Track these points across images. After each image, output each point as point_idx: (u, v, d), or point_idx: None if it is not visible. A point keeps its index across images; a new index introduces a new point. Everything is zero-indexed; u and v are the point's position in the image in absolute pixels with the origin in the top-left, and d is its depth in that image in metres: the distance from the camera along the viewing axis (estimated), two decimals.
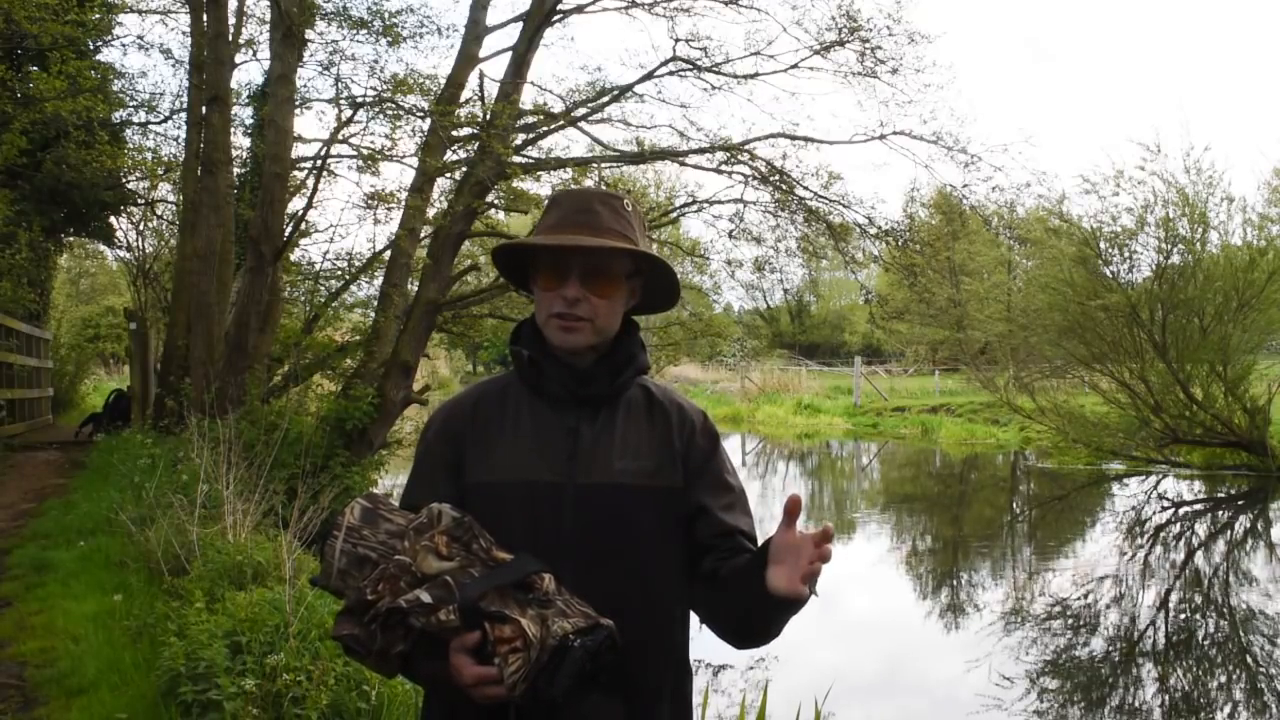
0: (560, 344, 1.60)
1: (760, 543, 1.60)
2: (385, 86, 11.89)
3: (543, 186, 12.25)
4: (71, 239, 20.52)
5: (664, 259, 1.70)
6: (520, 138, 11.76)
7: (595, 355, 1.64)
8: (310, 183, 12.66)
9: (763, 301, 54.28)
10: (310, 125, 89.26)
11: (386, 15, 13.65)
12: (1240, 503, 13.77)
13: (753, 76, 12.71)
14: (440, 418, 1.70)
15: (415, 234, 11.22)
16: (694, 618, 1.71)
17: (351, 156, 12.45)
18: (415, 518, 1.52)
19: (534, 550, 1.49)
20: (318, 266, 13.76)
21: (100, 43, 17.03)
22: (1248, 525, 12.12)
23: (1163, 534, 11.45)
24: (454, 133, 10.98)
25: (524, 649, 1.37)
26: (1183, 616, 7.95)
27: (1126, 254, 15.14)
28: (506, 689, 1.37)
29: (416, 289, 11.45)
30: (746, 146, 12.44)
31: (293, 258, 12.51)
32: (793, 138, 12.53)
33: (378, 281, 12.43)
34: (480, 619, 1.40)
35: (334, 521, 1.53)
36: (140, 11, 16.99)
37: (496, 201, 11.54)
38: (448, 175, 11.67)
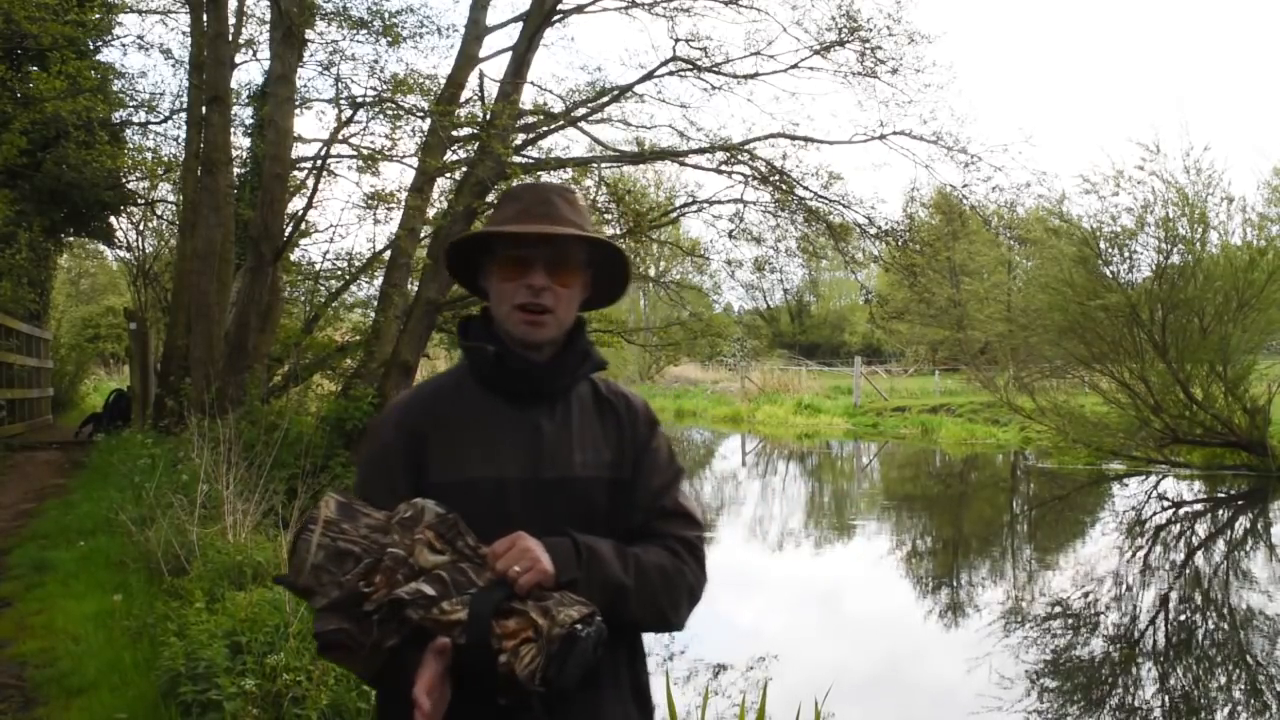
0: (524, 337, 1.61)
1: (683, 518, 1.65)
2: (385, 86, 11.92)
3: None
4: (71, 239, 20.53)
5: (621, 248, 1.73)
6: (520, 138, 11.77)
7: (553, 349, 1.66)
8: (310, 183, 12.69)
9: (763, 301, 54.32)
10: (310, 125, 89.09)
11: (386, 15, 13.68)
12: (1240, 503, 13.76)
13: (753, 76, 12.73)
14: (395, 415, 1.68)
15: (415, 234, 11.24)
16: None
17: (351, 156, 12.48)
18: (396, 512, 1.49)
19: None
20: (318, 266, 13.80)
21: (100, 43, 17.04)
22: (1248, 525, 12.11)
23: (1163, 534, 11.44)
24: (454, 133, 11.00)
25: (536, 639, 1.36)
26: (1183, 616, 7.95)
27: (1126, 254, 15.14)
28: (524, 680, 1.35)
29: (416, 289, 11.46)
30: (746, 146, 12.46)
31: (293, 258, 12.53)
32: (793, 138, 12.55)
33: (378, 281, 12.45)
34: (488, 626, 1.38)
35: (310, 516, 1.49)
36: (140, 11, 17.02)
37: (496, 202, 11.55)
38: (448, 175, 11.68)
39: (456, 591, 1.41)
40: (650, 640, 7.00)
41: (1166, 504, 13.63)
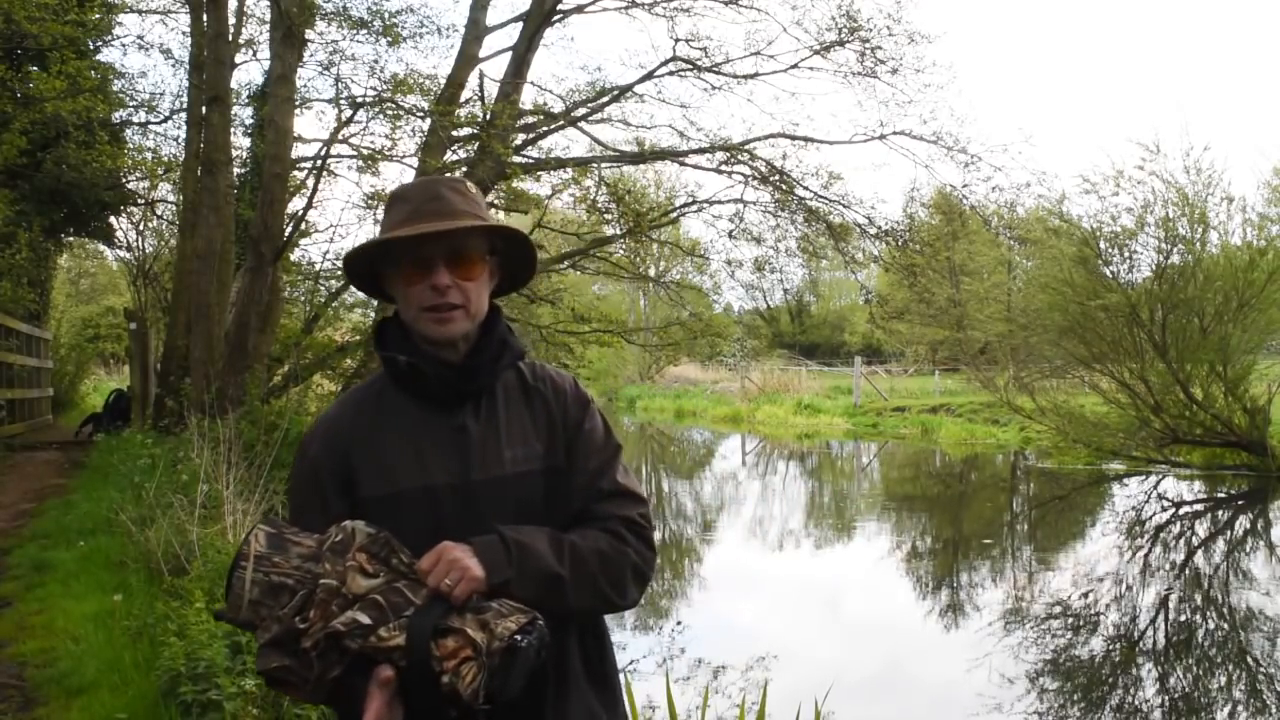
0: (437, 336, 1.59)
1: (623, 496, 1.62)
2: (385, 86, 11.91)
3: (542, 187, 12.27)
4: (71, 239, 20.53)
5: (521, 230, 1.71)
6: (520, 138, 11.78)
7: (468, 344, 1.63)
8: (310, 183, 12.70)
9: (763, 301, 54.29)
10: (310, 125, 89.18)
11: (386, 15, 13.68)
12: (1240, 503, 13.76)
13: (753, 76, 12.74)
14: (319, 433, 1.65)
15: None
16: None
17: (351, 156, 12.48)
18: (327, 537, 1.46)
19: None
20: (318, 266, 13.79)
21: (100, 43, 17.04)
22: (1248, 525, 12.11)
23: (1163, 534, 11.44)
24: (454, 133, 11.00)
25: (475, 656, 1.34)
26: (1183, 616, 7.95)
27: (1126, 254, 15.13)
28: (468, 699, 1.34)
29: None
30: (746, 146, 12.47)
31: (293, 258, 12.52)
32: (793, 138, 12.57)
33: None
34: (427, 649, 1.37)
35: (240, 552, 1.46)
36: (140, 11, 17.04)
37: (496, 202, 11.56)
38: (448, 175, 11.68)
39: (394, 614, 1.39)
40: (651, 640, 7.01)
41: (1166, 504, 13.63)
